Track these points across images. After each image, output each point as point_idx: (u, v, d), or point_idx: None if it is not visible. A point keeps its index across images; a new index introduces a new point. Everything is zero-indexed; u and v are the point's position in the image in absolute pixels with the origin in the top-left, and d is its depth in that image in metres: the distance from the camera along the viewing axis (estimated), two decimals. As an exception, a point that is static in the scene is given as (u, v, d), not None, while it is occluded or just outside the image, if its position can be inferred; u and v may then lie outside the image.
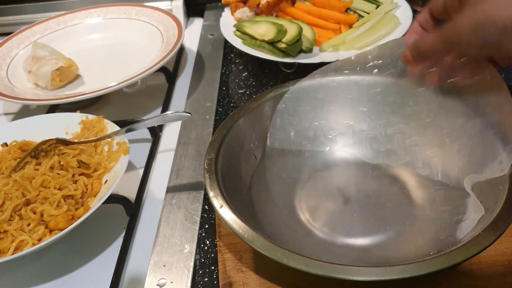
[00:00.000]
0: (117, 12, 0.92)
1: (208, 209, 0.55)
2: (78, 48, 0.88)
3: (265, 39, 0.73)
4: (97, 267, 0.51)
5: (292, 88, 0.55)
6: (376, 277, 0.35)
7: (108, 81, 0.71)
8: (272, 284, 0.44)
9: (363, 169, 0.54)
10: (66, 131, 0.62)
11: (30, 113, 0.77)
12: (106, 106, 0.77)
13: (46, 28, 0.89)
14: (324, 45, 0.75)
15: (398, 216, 0.48)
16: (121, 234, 0.54)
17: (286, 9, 0.82)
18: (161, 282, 0.47)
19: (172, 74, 0.82)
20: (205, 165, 0.47)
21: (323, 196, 0.52)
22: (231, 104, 0.73)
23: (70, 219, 0.49)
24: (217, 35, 0.91)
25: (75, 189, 0.52)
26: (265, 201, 0.50)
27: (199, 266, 0.49)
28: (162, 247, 0.50)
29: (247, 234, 0.39)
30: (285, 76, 0.77)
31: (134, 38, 0.88)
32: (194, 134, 0.67)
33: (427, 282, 0.43)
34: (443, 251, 0.37)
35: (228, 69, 0.82)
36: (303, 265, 0.36)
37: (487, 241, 0.36)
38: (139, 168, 0.63)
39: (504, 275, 0.43)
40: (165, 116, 0.58)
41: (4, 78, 0.78)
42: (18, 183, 0.52)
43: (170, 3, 0.99)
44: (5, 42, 0.85)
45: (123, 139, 0.57)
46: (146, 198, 0.59)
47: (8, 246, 0.47)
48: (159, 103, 0.76)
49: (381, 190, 0.51)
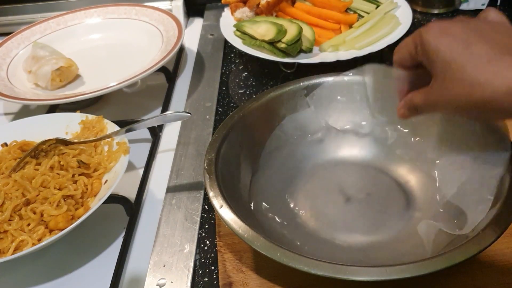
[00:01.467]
0: (117, 12, 0.92)
1: (208, 209, 0.55)
2: (78, 48, 0.88)
3: (265, 39, 0.73)
4: (97, 267, 0.51)
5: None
6: (376, 277, 0.35)
7: (108, 81, 0.71)
8: (272, 284, 0.44)
9: (364, 169, 0.54)
10: (66, 131, 0.62)
11: (30, 113, 0.77)
12: (106, 106, 0.77)
13: (46, 28, 0.89)
14: (324, 45, 0.75)
15: (398, 216, 0.48)
16: (121, 234, 0.54)
17: (286, 9, 0.82)
18: (161, 282, 0.47)
19: (172, 74, 0.82)
20: (205, 165, 0.47)
21: (324, 195, 0.52)
22: (231, 104, 0.73)
23: (70, 219, 0.49)
24: (217, 35, 0.91)
25: (75, 189, 0.52)
26: (265, 201, 0.50)
27: (199, 266, 0.49)
28: (162, 247, 0.50)
29: (247, 234, 0.39)
30: (285, 76, 0.77)
31: (134, 38, 0.88)
32: (194, 134, 0.67)
33: (427, 282, 0.43)
34: (443, 251, 0.37)
35: (228, 69, 0.82)
36: (303, 265, 0.36)
37: (487, 241, 0.36)
38: (139, 168, 0.63)
39: (504, 275, 0.43)
40: (165, 116, 0.58)
41: (4, 78, 0.77)
42: (18, 183, 0.52)
43: (170, 3, 0.99)
44: (5, 42, 0.85)
45: (123, 139, 0.57)
46: (146, 198, 0.59)
47: (8, 246, 0.47)
48: (159, 103, 0.76)
49: (382, 189, 0.51)
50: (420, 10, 0.92)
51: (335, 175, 0.54)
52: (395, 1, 0.83)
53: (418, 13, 0.91)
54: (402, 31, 0.75)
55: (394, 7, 0.83)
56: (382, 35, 0.75)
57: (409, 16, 0.79)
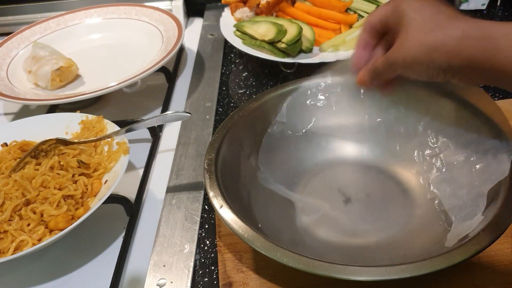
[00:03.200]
0: (117, 12, 0.92)
1: (208, 209, 0.55)
2: (78, 48, 0.88)
3: (265, 39, 0.73)
4: (97, 267, 0.51)
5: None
6: (376, 277, 0.35)
7: (108, 81, 0.71)
8: (272, 284, 0.44)
9: (364, 169, 0.54)
10: (66, 131, 0.62)
11: (30, 113, 0.77)
12: (106, 106, 0.77)
13: (46, 28, 0.89)
14: (324, 45, 0.75)
15: (398, 216, 0.48)
16: (121, 234, 0.54)
17: (286, 9, 0.82)
18: (161, 282, 0.47)
19: (172, 74, 0.82)
20: (205, 165, 0.47)
21: (324, 196, 0.52)
22: (231, 104, 0.73)
23: (70, 219, 0.49)
24: (217, 35, 0.91)
25: (75, 189, 0.52)
26: (265, 201, 0.50)
27: (199, 266, 0.49)
28: (162, 247, 0.50)
29: (247, 234, 0.39)
30: (285, 76, 0.77)
31: (134, 38, 0.88)
32: (194, 134, 0.67)
33: (427, 282, 0.43)
34: (443, 251, 0.37)
35: (228, 69, 0.82)
36: (303, 265, 0.36)
37: (487, 241, 0.36)
38: (139, 168, 0.63)
39: (504, 274, 0.43)
40: (165, 116, 0.58)
41: (4, 78, 0.78)
42: (18, 183, 0.52)
43: (170, 3, 0.99)
44: (5, 42, 0.85)
45: (123, 139, 0.57)
46: (146, 198, 0.59)
47: (8, 246, 0.47)
48: (159, 103, 0.76)
49: (382, 190, 0.51)
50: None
51: (335, 175, 0.54)
52: (395, 1, 0.83)
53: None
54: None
55: (394, 7, 0.83)
56: (382, 35, 0.75)
57: (409, 16, 0.79)
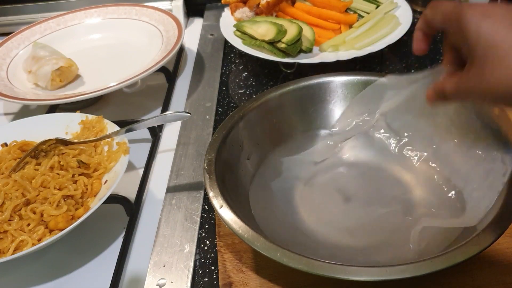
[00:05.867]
0: (117, 12, 0.92)
1: (208, 209, 0.55)
2: (78, 48, 0.88)
3: (265, 39, 0.73)
4: (97, 267, 0.51)
5: None
6: (376, 277, 0.35)
7: (108, 81, 0.71)
8: (272, 284, 0.44)
9: (363, 168, 0.54)
10: (66, 131, 0.62)
11: (30, 113, 0.77)
12: (106, 106, 0.77)
13: (46, 28, 0.89)
14: (324, 45, 0.75)
15: (398, 216, 0.48)
16: (121, 234, 0.54)
17: (286, 9, 0.82)
18: (161, 282, 0.47)
19: (172, 74, 0.82)
20: (205, 165, 0.47)
21: (324, 196, 0.52)
22: (231, 104, 0.73)
23: (70, 219, 0.49)
24: (217, 35, 0.91)
25: (75, 189, 0.52)
26: (265, 201, 0.50)
27: (199, 266, 0.49)
28: (162, 247, 0.50)
29: (247, 234, 0.39)
30: (285, 76, 0.77)
31: (134, 38, 0.88)
32: (194, 134, 0.67)
33: (427, 282, 0.43)
34: (443, 251, 0.37)
35: (228, 69, 0.82)
36: (303, 265, 0.36)
37: (487, 241, 0.36)
38: (139, 168, 0.63)
39: (504, 275, 0.43)
40: (165, 116, 0.58)
41: (4, 78, 0.77)
42: (18, 183, 0.52)
43: (170, 3, 0.99)
44: (5, 42, 0.85)
45: (123, 139, 0.57)
46: (146, 198, 0.59)
47: (8, 246, 0.47)
48: (159, 103, 0.76)
49: (382, 190, 0.51)
50: (420, 10, 0.91)
51: (335, 176, 0.54)
52: (395, 1, 0.83)
53: (418, 13, 0.91)
54: (402, 31, 0.75)
55: (394, 7, 0.83)
56: (382, 35, 0.75)
57: (409, 16, 0.79)
